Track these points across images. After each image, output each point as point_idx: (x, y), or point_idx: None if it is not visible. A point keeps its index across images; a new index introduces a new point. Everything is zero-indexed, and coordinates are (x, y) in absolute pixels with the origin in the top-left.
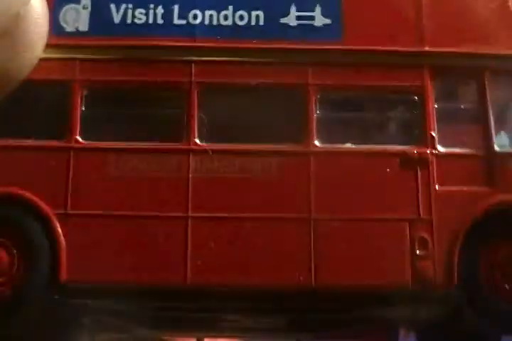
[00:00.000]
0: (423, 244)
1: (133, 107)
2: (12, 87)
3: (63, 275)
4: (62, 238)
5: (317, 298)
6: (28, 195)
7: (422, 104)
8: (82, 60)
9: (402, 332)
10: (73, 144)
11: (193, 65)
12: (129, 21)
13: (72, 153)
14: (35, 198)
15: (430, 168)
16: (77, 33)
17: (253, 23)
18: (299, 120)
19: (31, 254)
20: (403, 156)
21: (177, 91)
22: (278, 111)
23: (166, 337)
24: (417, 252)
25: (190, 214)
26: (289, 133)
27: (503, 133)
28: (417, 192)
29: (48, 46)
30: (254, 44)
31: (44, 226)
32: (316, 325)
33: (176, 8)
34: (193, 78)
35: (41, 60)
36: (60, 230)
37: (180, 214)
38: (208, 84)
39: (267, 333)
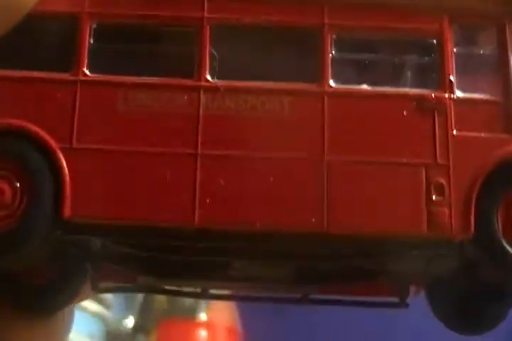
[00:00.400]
0: (439, 189)
1: (143, 42)
2: (17, 19)
3: (67, 211)
4: (66, 172)
5: (328, 242)
6: (31, 127)
7: (441, 47)
8: None
9: (412, 288)
10: (80, 77)
11: (206, 1)
12: None
13: (78, 86)
14: (39, 130)
15: (448, 112)
16: None
17: None
18: (314, 60)
19: (34, 188)
20: (420, 100)
21: (189, 26)
22: (293, 51)
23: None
24: (433, 198)
25: (199, 150)
26: (303, 73)
27: None
28: (434, 136)
29: None
30: None
31: (48, 160)
32: (325, 276)
33: None
34: (205, 13)
35: None
36: (64, 164)
37: (189, 150)
38: (220, 20)
39: (274, 284)
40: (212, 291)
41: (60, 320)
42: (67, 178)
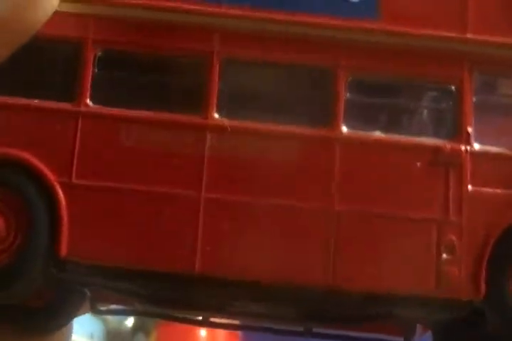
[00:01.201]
0: (450, 247)
1: (149, 73)
2: (24, 40)
3: (63, 249)
4: (64, 209)
5: (333, 295)
6: (30, 158)
7: (460, 95)
8: (97, 17)
9: (419, 329)
10: (82, 108)
11: (216, 33)
12: None
13: (80, 118)
14: (37, 162)
15: (463, 166)
16: None
17: None
18: (327, 102)
19: (30, 223)
20: (435, 151)
21: (198, 59)
22: (305, 91)
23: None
24: (444, 256)
25: (203, 194)
26: (314, 116)
27: None
28: (448, 191)
29: None
30: (283, 16)
31: (45, 194)
32: (330, 317)
33: None
34: (215, 47)
35: (54, 13)
36: (62, 200)
37: (192, 193)
38: (230, 55)
39: (277, 321)
40: (213, 319)
41: (60, 335)
42: (65, 215)
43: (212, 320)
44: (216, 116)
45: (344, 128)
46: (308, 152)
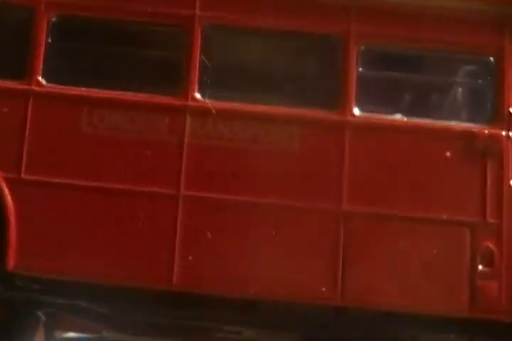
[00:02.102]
0: (487, 256)
1: (116, 43)
2: None
3: (11, 261)
4: (11, 211)
5: (342, 316)
6: None
7: (499, 69)
8: None
9: None
10: (34, 87)
11: None
12: None
13: (31, 99)
14: None
15: (505, 156)
16: None
17: None
18: (334, 78)
19: None
20: (469, 138)
21: (175, 26)
22: (306, 64)
23: None
24: (479, 267)
25: (182, 191)
26: (319, 95)
27: None
28: (484, 187)
29: None
30: None
31: None
32: None
33: None
34: (196, 10)
35: None
36: (9, 200)
37: (168, 191)
38: (215, 20)
39: None
40: None
41: None
42: (13, 219)
43: None
44: (198, 96)
45: (356, 111)
46: (312, 140)
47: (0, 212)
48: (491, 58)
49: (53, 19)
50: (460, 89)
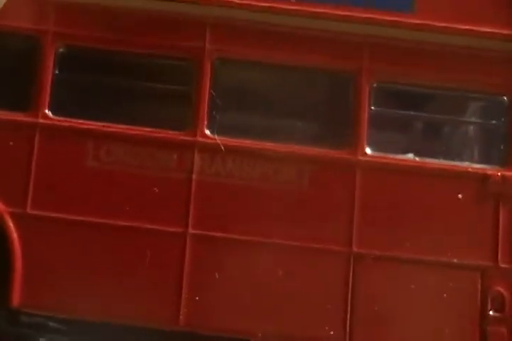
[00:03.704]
0: (498, 301)
1: (123, 76)
2: None
3: (16, 298)
4: (17, 246)
5: None
6: None
7: None
8: (58, 5)
9: None
10: (40, 119)
11: (208, 25)
12: None
13: (37, 132)
14: None
15: None
16: None
17: None
18: (346, 116)
19: None
20: (482, 179)
21: (185, 59)
22: (318, 101)
23: None
24: (490, 313)
25: (190, 230)
26: (330, 133)
27: None
28: (497, 230)
29: None
30: (294, 4)
31: None
32: None
33: None
34: (206, 44)
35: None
36: (14, 235)
37: (176, 229)
38: (226, 54)
39: None
40: None
41: None
42: (18, 254)
43: None
44: (207, 132)
45: (368, 150)
46: (322, 179)
47: (5, 247)
48: (505, 98)
49: (61, 49)
50: (473, 130)
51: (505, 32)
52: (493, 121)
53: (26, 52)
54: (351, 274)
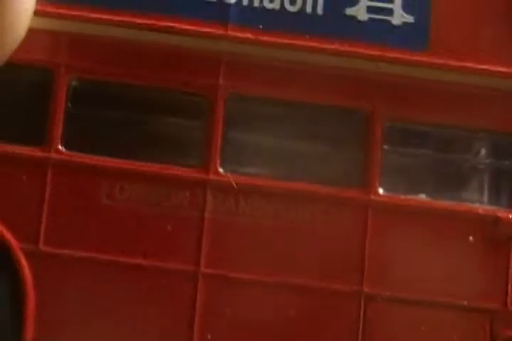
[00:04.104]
0: None
1: (137, 111)
2: None
3: (29, 334)
4: (29, 283)
5: None
6: None
7: None
8: (72, 37)
9: None
10: (52, 154)
11: (222, 61)
12: None
13: (50, 167)
14: None
15: None
16: (71, 0)
17: (309, 10)
18: (358, 155)
19: None
20: (493, 222)
21: (199, 95)
22: (330, 140)
23: None
24: None
25: (201, 269)
26: (343, 172)
27: None
28: (507, 273)
29: None
30: (306, 41)
31: (6, 264)
32: None
33: None
34: (220, 80)
35: None
36: (26, 271)
37: (188, 267)
38: (239, 91)
39: None
40: None
41: None
42: (30, 291)
43: None
44: (220, 170)
45: (380, 190)
46: (333, 219)
47: (17, 283)
48: None
49: (73, 83)
50: (485, 171)
51: None
52: (505, 162)
53: (38, 85)
54: (362, 315)
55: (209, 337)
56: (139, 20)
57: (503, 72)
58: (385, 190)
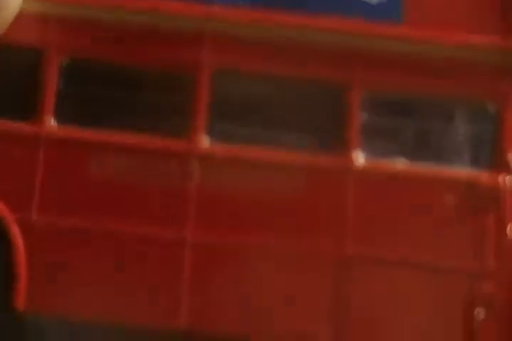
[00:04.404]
0: (485, 301)
1: (124, 87)
2: None
3: (20, 302)
4: (22, 253)
5: None
6: None
7: (500, 115)
8: (61, 19)
9: None
10: (44, 128)
11: (205, 38)
12: None
13: (41, 141)
14: None
15: (503, 201)
16: None
17: None
18: (338, 124)
19: None
20: (468, 184)
21: (183, 71)
22: (311, 110)
23: None
24: (476, 312)
25: (188, 238)
26: (323, 140)
27: None
28: (483, 233)
29: None
30: (287, 17)
31: None
32: None
33: None
34: (204, 55)
35: None
36: (20, 242)
37: (175, 236)
38: (223, 65)
39: None
40: None
41: None
42: (23, 261)
43: None
44: (205, 140)
45: (359, 156)
46: (315, 184)
47: (10, 253)
48: (492, 105)
49: (64, 62)
50: (460, 135)
51: (493, 42)
52: (481, 129)
53: (30, 64)
54: (342, 277)
55: (197, 300)
56: (126, 2)
57: (475, 43)
58: (364, 155)
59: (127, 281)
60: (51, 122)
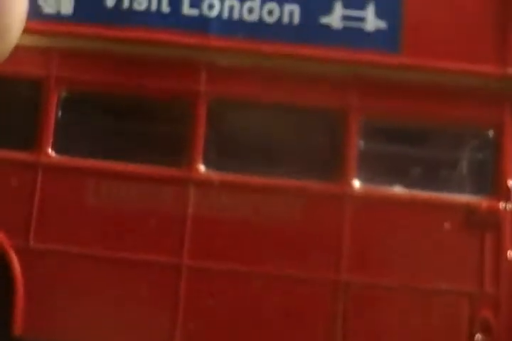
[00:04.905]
0: (485, 326)
1: (122, 117)
2: None
3: (18, 327)
4: (20, 279)
5: None
6: None
7: (499, 142)
8: (61, 52)
9: None
10: (42, 158)
11: (203, 69)
12: (125, 6)
13: (40, 170)
14: None
15: (502, 227)
16: (58, 17)
17: (285, 20)
18: (335, 151)
19: None
20: (467, 210)
21: (180, 101)
22: (308, 138)
23: None
24: (476, 337)
25: (185, 262)
26: (320, 167)
27: None
28: (482, 258)
29: None
30: (284, 48)
31: None
32: None
33: None
34: (202, 86)
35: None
36: (17, 267)
37: (172, 260)
38: (220, 96)
39: None
40: None
41: None
42: (21, 287)
43: None
44: (202, 168)
45: (356, 183)
46: (312, 212)
47: (8, 279)
48: (491, 132)
49: (63, 93)
50: (459, 163)
51: (491, 70)
52: (479, 155)
53: (30, 95)
54: (340, 302)
55: (191, 326)
56: (123, 34)
57: (472, 70)
58: (361, 182)
59: (123, 306)
60: (50, 151)
